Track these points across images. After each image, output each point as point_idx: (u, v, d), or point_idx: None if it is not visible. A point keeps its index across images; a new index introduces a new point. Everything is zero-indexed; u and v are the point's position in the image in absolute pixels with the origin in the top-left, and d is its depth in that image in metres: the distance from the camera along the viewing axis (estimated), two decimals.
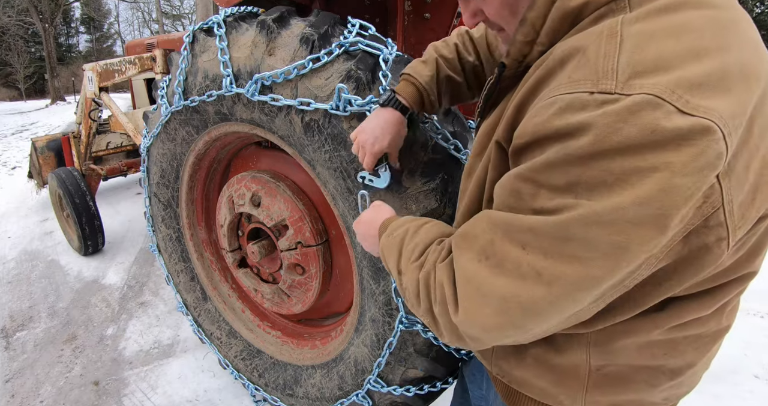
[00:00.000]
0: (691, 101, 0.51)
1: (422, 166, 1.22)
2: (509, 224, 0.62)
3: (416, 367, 1.40)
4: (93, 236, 3.75)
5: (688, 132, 0.50)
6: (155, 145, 1.95)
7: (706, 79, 0.53)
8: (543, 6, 0.66)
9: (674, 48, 0.54)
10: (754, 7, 9.57)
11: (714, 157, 0.51)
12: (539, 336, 0.67)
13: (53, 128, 11.50)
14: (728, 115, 0.52)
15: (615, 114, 0.52)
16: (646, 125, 0.51)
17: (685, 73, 0.52)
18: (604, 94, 0.53)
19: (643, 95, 0.51)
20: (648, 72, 0.53)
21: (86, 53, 35.70)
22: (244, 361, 2.07)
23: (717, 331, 0.78)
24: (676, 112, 0.50)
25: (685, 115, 0.50)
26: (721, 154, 0.51)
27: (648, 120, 0.51)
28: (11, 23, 23.41)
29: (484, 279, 0.63)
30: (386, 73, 1.24)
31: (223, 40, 1.49)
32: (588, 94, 0.55)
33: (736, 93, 0.54)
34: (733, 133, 0.52)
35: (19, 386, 2.41)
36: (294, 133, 1.39)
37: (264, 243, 1.83)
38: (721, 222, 0.57)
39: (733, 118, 0.53)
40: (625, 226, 0.53)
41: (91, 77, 3.23)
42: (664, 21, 0.57)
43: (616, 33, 0.57)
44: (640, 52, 0.55)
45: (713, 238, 0.59)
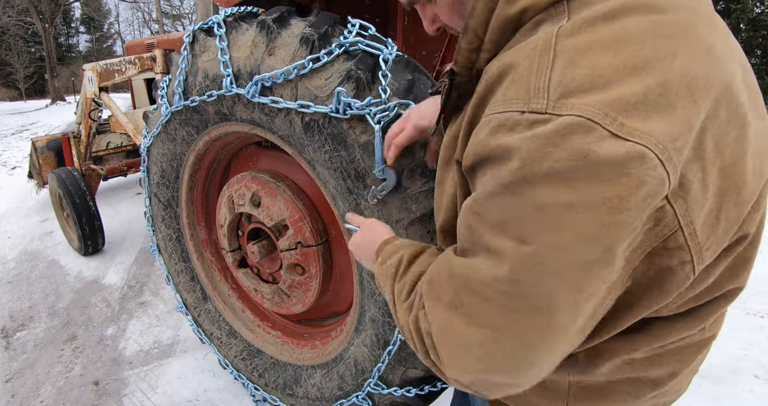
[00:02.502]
0: (627, 124, 0.47)
1: (422, 166, 1.22)
2: (467, 276, 0.59)
3: (416, 367, 1.40)
4: (93, 236, 3.75)
5: (622, 160, 0.46)
6: (155, 145, 1.95)
7: (643, 98, 0.49)
8: (482, 13, 0.64)
9: (611, 62, 0.50)
10: (754, 7, 9.56)
11: (656, 185, 0.48)
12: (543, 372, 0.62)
13: (53, 128, 11.49)
14: (667, 138, 0.48)
15: (544, 137, 0.48)
16: (576, 151, 0.47)
17: (621, 92, 0.48)
18: (535, 114, 0.50)
19: (573, 117, 0.48)
20: (581, 91, 0.49)
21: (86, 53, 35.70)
22: (244, 361, 2.07)
23: (701, 340, 0.75)
24: (610, 136, 0.47)
25: (619, 139, 0.47)
26: (662, 181, 0.48)
27: (579, 145, 0.47)
28: (11, 23, 23.41)
29: (459, 330, 0.60)
30: (386, 73, 1.24)
31: (223, 40, 1.49)
32: (519, 114, 0.52)
33: (678, 110, 0.50)
34: (674, 156, 0.49)
35: (19, 386, 2.41)
36: (294, 133, 1.39)
37: (264, 243, 1.83)
38: (681, 245, 0.54)
39: (674, 141, 0.49)
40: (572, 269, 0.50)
41: (91, 77, 3.23)
42: (601, 31, 0.53)
43: (549, 47, 0.54)
44: (573, 68, 0.51)
45: (675, 261, 0.56)
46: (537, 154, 0.49)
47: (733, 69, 0.57)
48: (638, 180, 0.47)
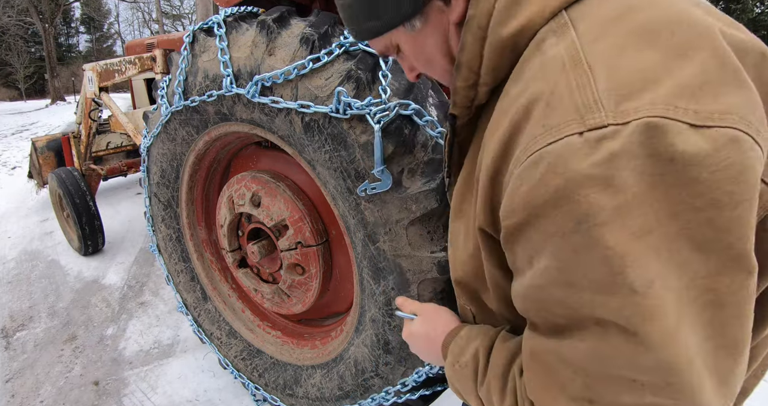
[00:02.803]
0: (701, 110, 0.42)
1: (422, 166, 1.22)
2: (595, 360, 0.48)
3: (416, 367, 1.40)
4: (93, 236, 3.75)
5: (714, 152, 0.41)
6: (155, 145, 1.95)
7: (705, 77, 0.44)
8: (474, 45, 0.59)
9: (652, 56, 0.46)
10: (754, 7, 9.56)
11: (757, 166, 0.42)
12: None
13: (53, 128, 11.49)
14: (748, 110, 0.43)
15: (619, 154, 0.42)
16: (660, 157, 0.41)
17: (679, 79, 0.44)
18: (596, 130, 0.43)
19: (641, 120, 0.42)
20: (637, 92, 0.44)
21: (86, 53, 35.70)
22: (244, 361, 2.07)
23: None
24: (689, 128, 0.41)
25: (701, 129, 0.41)
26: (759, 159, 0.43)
27: (660, 150, 0.41)
28: (11, 23, 23.41)
29: None
30: (386, 73, 1.24)
31: (223, 40, 1.49)
32: (578, 136, 0.44)
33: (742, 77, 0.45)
34: (761, 129, 0.43)
35: (19, 386, 2.41)
36: (294, 133, 1.39)
37: (264, 243, 1.83)
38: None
39: (755, 111, 0.43)
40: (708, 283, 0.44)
41: (91, 77, 3.23)
42: (622, 31, 0.49)
43: (579, 59, 0.48)
44: (618, 72, 0.46)
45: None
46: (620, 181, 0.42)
47: None
48: (741, 167, 0.41)
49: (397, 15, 0.65)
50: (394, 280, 1.33)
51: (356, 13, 0.67)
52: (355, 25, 0.70)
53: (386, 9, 0.64)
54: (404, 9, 0.63)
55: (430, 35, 0.67)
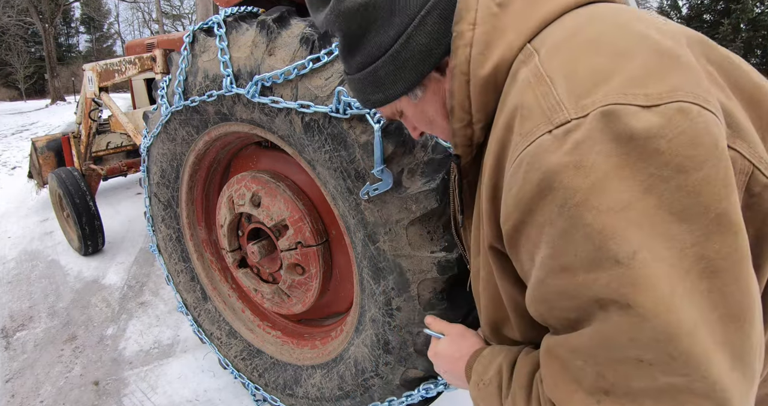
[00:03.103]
0: (650, 92, 0.47)
1: (422, 166, 1.22)
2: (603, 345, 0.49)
3: (416, 367, 1.40)
4: (93, 236, 3.75)
5: (667, 124, 0.45)
6: (155, 145, 1.95)
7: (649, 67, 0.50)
8: (460, 88, 0.66)
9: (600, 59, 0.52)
10: (754, 7, 9.56)
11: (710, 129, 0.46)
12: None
13: (53, 128, 11.49)
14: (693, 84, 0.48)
15: (583, 141, 0.47)
16: (621, 137, 0.46)
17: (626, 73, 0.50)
18: (562, 126, 0.50)
19: (599, 109, 0.48)
20: (591, 89, 0.50)
21: (86, 53, 35.70)
22: (244, 361, 2.08)
23: None
24: (642, 109, 0.46)
25: (652, 108, 0.46)
26: (714, 122, 0.47)
27: (620, 131, 0.46)
28: (11, 23, 23.41)
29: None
30: None
31: (223, 40, 1.49)
32: (548, 135, 0.50)
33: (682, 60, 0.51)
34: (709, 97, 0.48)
35: (19, 386, 2.41)
36: (294, 133, 1.39)
37: (264, 243, 1.83)
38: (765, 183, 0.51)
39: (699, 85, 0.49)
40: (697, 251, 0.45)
41: (91, 77, 3.23)
42: (575, 44, 0.56)
43: (541, 75, 0.55)
44: (574, 77, 0.53)
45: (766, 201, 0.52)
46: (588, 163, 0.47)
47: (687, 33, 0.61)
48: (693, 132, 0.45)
49: (401, 88, 0.72)
50: (394, 280, 1.33)
51: (364, 86, 0.74)
52: (362, 96, 0.77)
53: (390, 84, 0.72)
54: (407, 83, 0.71)
55: (430, 102, 0.74)
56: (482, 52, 0.63)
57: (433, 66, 0.69)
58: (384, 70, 0.70)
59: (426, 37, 0.67)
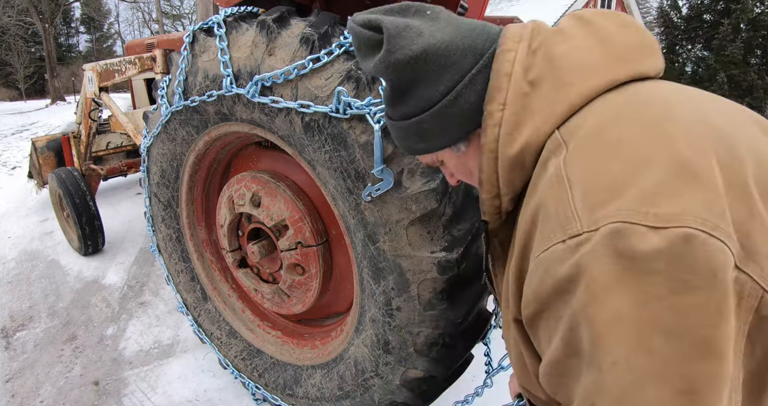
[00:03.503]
0: (659, 213, 0.49)
1: (422, 166, 1.22)
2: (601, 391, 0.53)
3: (416, 367, 1.40)
4: (93, 236, 3.75)
5: (668, 248, 0.47)
6: (155, 145, 1.95)
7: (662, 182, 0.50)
8: (488, 164, 0.69)
9: (619, 167, 0.53)
10: (754, 7, 9.54)
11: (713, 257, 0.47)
12: None
13: (53, 128, 11.48)
14: (702, 208, 0.49)
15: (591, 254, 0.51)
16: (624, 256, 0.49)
17: (641, 187, 0.51)
18: (574, 238, 0.53)
19: (608, 226, 0.50)
20: (605, 201, 0.52)
21: (86, 53, 35.69)
22: (244, 361, 2.08)
23: None
24: (649, 230, 0.48)
25: (659, 230, 0.48)
26: (720, 250, 0.47)
27: (623, 250, 0.49)
28: (11, 23, 23.40)
29: None
30: None
31: (223, 40, 1.49)
32: (561, 244, 0.54)
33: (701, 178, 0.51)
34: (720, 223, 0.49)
35: (19, 386, 2.41)
36: (294, 133, 1.39)
37: (264, 243, 1.83)
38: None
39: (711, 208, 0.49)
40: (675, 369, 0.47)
41: (91, 77, 3.23)
42: (598, 145, 0.57)
43: (562, 177, 0.58)
44: (590, 186, 0.54)
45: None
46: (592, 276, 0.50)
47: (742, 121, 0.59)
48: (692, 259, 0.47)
49: (444, 142, 0.76)
50: (394, 280, 1.33)
51: (407, 135, 0.77)
52: (404, 143, 0.80)
53: (435, 137, 0.75)
54: (451, 137, 0.74)
55: (472, 156, 0.77)
56: (510, 132, 0.65)
57: (479, 124, 0.70)
58: (429, 123, 0.73)
59: (475, 95, 0.69)
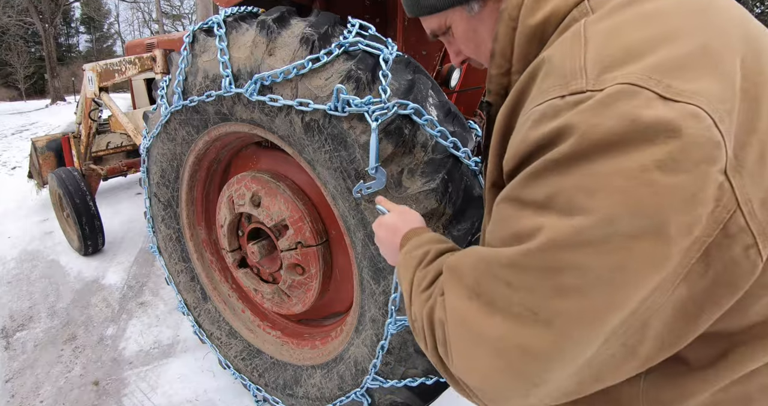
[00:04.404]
0: (674, 85, 0.46)
1: (422, 166, 1.22)
2: (491, 260, 0.55)
3: (416, 367, 1.40)
4: (93, 236, 3.75)
5: (673, 121, 0.44)
6: (155, 145, 1.95)
7: (687, 60, 0.47)
8: (506, 34, 0.64)
9: (644, 35, 0.50)
10: (755, 7, 9.56)
11: (711, 148, 0.45)
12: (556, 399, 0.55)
13: (53, 128, 11.49)
14: (717, 99, 0.46)
15: (589, 110, 0.47)
16: (624, 116, 0.45)
17: (661, 57, 0.48)
18: (576, 95, 0.49)
19: (616, 86, 0.47)
20: (618, 64, 0.48)
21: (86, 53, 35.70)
22: (244, 361, 2.08)
23: None
24: (657, 98, 0.45)
25: (668, 101, 0.45)
26: (718, 144, 0.45)
27: (625, 110, 0.45)
28: (11, 23, 23.41)
29: (477, 320, 0.55)
30: (386, 73, 1.24)
31: (223, 41, 1.49)
32: (560, 99, 0.51)
33: (723, 71, 0.48)
34: (725, 118, 0.46)
35: (19, 386, 2.41)
36: (294, 133, 1.39)
37: (264, 243, 1.83)
38: (743, 227, 0.48)
39: (723, 102, 0.47)
40: (619, 242, 0.45)
41: (91, 77, 3.23)
42: (629, 13, 0.53)
43: (579, 34, 0.54)
44: (608, 46, 0.51)
45: (739, 248, 0.48)
46: (585, 127, 0.47)
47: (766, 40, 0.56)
48: (692, 140, 0.44)
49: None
50: (394, 280, 1.33)
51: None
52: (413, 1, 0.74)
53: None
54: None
55: (485, 19, 0.71)
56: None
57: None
58: None
59: None
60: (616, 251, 0.46)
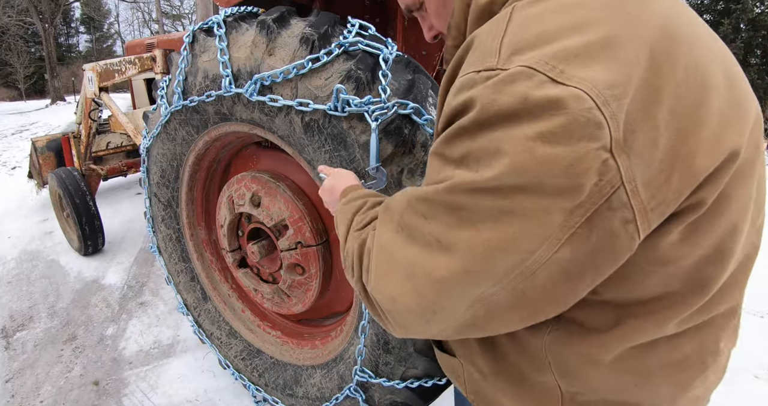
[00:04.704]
0: (566, 71, 0.52)
1: (422, 166, 1.22)
2: (414, 196, 0.64)
3: (416, 367, 1.40)
4: (93, 236, 3.75)
5: (557, 101, 0.51)
6: (155, 145, 1.95)
7: (584, 50, 0.53)
8: (461, 10, 0.72)
9: (558, 23, 0.56)
10: (754, 7, 9.56)
11: (590, 127, 0.51)
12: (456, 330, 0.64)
13: (53, 128, 11.49)
14: (604, 84, 0.52)
15: (493, 86, 0.55)
16: (518, 94, 0.53)
17: (564, 45, 0.54)
18: (488, 71, 0.57)
19: (518, 67, 0.54)
20: (527, 48, 0.55)
21: (86, 53, 35.70)
22: (244, 361, 2.08)
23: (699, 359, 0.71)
24: (549, 81, 0.52)
25: (557, 84, 0.51)
26: (598, 124, 0.51)
27: (521, 90, 0.53)
28: (11, 23, 23.42)
29: (397, 247, 0.64)
30: (386, 72, 1.24)
31: (222, 40, 1.49)
32: (476, 73, 0.58)
33: (620, 62, 0.53)
34: (611, 102, 0.51)
35: (19, 386, 2.41)
36: (294, 133, 1.39)
37: (264, 243, 1.83)
38: (625, 203, 0.54)
39: (612, 88, 0.52)
40: (507, 191, 0.54)
41: (91, 77, 3.23)
42: (553, 2, 0.59)
43: (505, 17, 0.61)
44: (524, 31, 0.57)
45: (618, 220, 0.55)
46: (488, 100, 0.55)
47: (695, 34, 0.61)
48: (572, 118, 0.51)
49: None
50: None
51: None
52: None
53: None
54: None
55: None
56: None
57: None
58: None
59: None
60: (502, 198, 0.54)
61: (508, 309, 0.60)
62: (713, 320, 0.70)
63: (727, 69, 0.63)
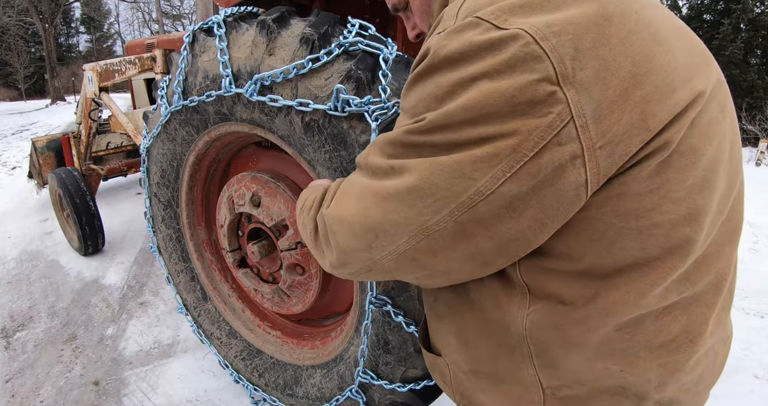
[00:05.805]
0: (510, 19, 0.57)
1: None
2: (381, 141, 0.70)
3: (416, 367, 1.40)
4: (93, 236, 3.75)
5: (497, 41, 0.56)
6: (155, 145, 1.95)
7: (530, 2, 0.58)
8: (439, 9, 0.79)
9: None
10: (754, 7, 9.55)
11: (531, 61, 0.54)
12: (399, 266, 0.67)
13: (53, 128, 11.49)
14: (543, 24, 0.55)
15: (445, 36, 0.61)
16: (464, 40, 0.58)
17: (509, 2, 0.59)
18: (446, 30, 0.63)
19: (467, 19, 0.60)
20: (482, 6, 0.61)
21: (86, 53, 35.70)
22: (244, 361, 2.07)
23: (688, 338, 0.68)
24: (493, 28, 0.57)
25: (499, 29, 0.57)
26: (538, 58, 0.54)
27: (467, 36, 0.59)
28: (11, 23, 23.42)
29: (357, 180, 0.72)
30: (386, 72, 1.24)
31: (223, 40, 1.49)
32: (437, 35, 0.64)
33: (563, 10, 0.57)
34: (551, 37, 0.55)
35: (19, 386, 2.41)
36: (294, 133, 1.39)
37: (264, 243, 1.83)
38: (574, 137, 0.54)
39: (550, 26, 0.55)
40: (456, 126, 0.58)
41: (91, 77, 3.23)
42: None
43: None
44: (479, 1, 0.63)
45: (567, 155, 0.55)
46: (437, 48, 0.61)
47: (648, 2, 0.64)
48: (511, 53, 0.55)
49: None
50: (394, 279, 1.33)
51: None
52: None
53: None
54: None
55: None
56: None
57: None
58: None
59: None
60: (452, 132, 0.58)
61: (449, 243, 0.61)
62: (699, 296, 0.68)
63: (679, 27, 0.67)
